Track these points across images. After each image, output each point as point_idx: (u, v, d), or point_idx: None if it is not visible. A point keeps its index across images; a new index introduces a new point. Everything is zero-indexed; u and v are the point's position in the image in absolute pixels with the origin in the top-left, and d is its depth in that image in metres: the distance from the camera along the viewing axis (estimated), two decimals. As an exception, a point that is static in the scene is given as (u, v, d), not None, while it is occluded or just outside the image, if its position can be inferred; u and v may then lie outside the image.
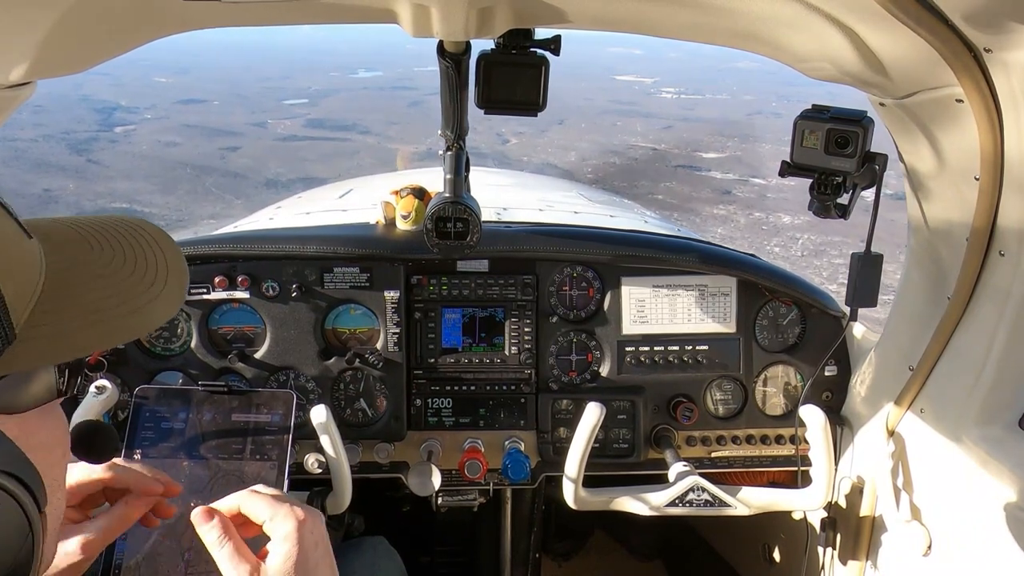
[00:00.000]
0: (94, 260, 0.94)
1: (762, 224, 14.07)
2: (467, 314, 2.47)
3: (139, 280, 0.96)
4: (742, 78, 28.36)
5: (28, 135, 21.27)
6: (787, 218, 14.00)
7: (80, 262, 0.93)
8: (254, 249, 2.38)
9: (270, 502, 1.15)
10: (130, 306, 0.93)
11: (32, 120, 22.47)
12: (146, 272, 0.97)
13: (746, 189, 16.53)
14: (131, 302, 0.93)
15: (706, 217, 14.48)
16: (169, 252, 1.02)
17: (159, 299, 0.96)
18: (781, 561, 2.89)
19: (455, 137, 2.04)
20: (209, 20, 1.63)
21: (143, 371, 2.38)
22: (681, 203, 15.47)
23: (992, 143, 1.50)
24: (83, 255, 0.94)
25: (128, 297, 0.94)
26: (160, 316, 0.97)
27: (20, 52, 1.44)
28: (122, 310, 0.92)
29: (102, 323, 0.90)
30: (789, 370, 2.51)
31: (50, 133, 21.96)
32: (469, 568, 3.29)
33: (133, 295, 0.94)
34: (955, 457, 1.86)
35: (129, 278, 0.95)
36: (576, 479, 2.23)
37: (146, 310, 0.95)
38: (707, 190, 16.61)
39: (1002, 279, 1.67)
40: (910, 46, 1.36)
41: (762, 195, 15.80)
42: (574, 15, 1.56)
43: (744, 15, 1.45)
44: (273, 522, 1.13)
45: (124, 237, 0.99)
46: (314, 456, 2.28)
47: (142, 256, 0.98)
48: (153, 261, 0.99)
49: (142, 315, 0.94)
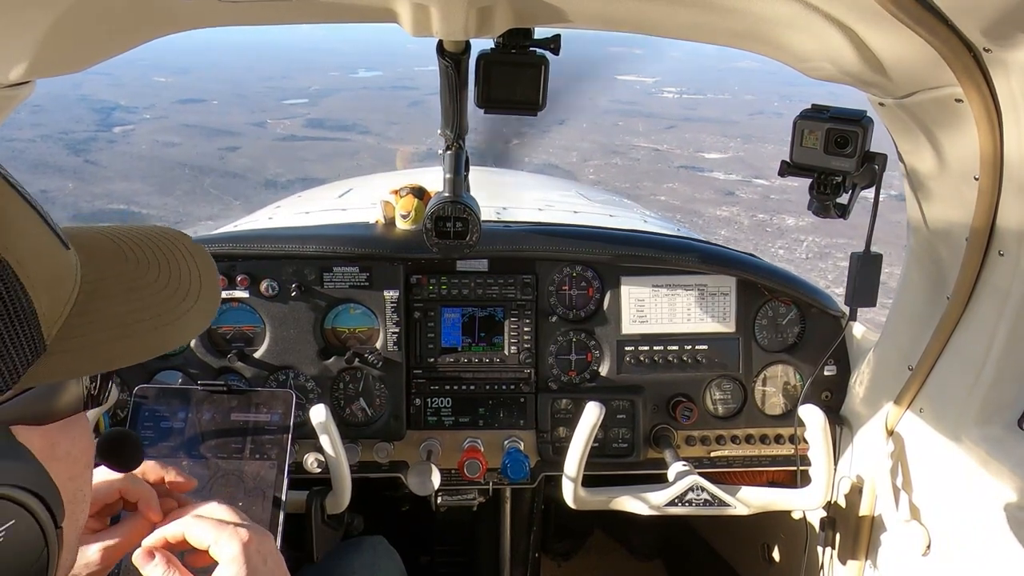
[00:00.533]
0: (127, 272, 0.93)
1: (766, 226, 14.01)
2: (467, 314, 2.47)
3: (172, 294, 0.94)
4: (743, 78, 28.29)
5: (26, 135, 21.19)
6: (791, 220, 13.94)
7: (113, 274, 0.92)
8: (253, 248, 2.38)
9: (213, 525, 1.15)
10: (161, 320, 0.92)
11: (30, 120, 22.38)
12: (179, 286, 0.95)
13: (749, 190, 16.47)
14: (163, 316, 0.92)
15: (709, 219, 14.42)
16: (204, 267, 1.00)
17: (190, 314, 0.95)
18: (781, 561, 2.89)
19: (455, 137, 2.04)
20: (209, 20, 1.63)
21: (142, 370, 2.37)
22: (684, 204, 15.41)
23: (991, 143, 1.50)
24: (117, 266, 0.93)
25: (160, 311, 0.92)
26: (191, 332, 0.96)
27: (19, 51, 1.44)
28: (153, 323, 0.91)
29: (132, 337, 0.89)
30: (788, 370, 2.51)
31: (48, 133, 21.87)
32: (469, 568, 3.29)
33: (165, 309, 0.93)
34: (955, 457, 1.86)
35: (162, 291, 0.94)
36: (575, 479, 2.23)
37: (177, 325, 0.93)
38: (710, 191, 16.54)
39: (1002, 279, 1.67)
40: (910, 46, 1.36)
41: (765, 196, 15.73)
42: (574, 14, 1.56)
43: (744, 15, 1.45)
44: (218, 546, 1.13)
45: (160, 249, 0.98)
46: (313, 455, 2.28)
47: (176, 269, 0.97)
48: (187, 275, 0.97)
49: (173, 329, 0.93)
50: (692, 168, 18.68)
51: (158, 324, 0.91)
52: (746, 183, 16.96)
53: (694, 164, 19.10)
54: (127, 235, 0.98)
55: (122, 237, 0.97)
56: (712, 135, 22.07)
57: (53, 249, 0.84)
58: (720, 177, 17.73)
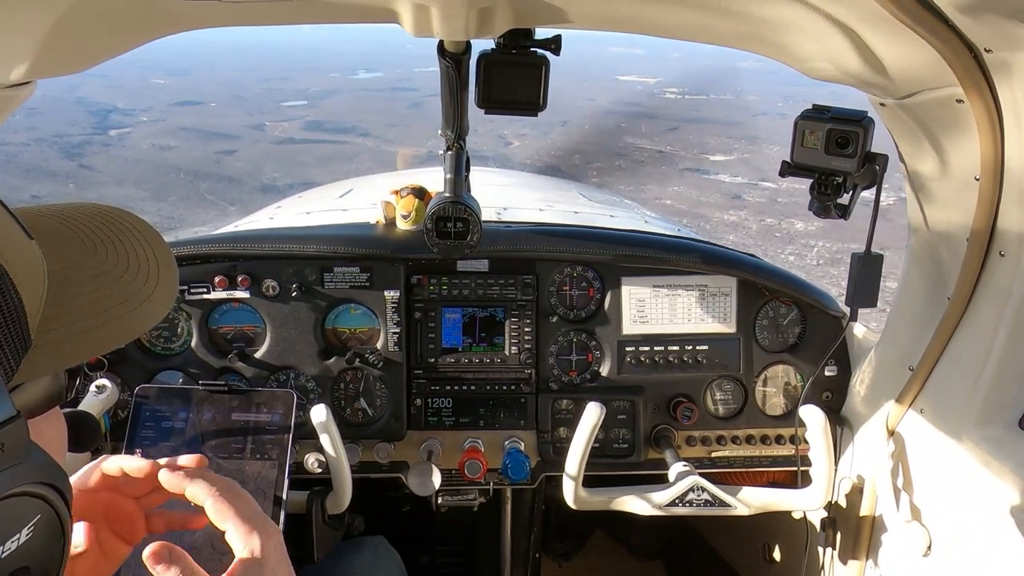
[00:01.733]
0: (88, 258, 0.93)
1: (774, 231, 13.84)
2: (467, 314, 2.47)
3: (133, 277, 0.95)
4: (745, 78, 28.15)
5: (20, 139, 20.94)
6: (800, 224, 13.77)
7: (77, 262, 0.92)
8: (254, 249, 2.38)
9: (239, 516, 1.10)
10: (131, 303, 0.93)
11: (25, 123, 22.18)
12: (139, 268, 0.96)
13: (756, 193, 16.28)
14: (131, 300, 0.93)
15: (716, 224, 14.27)
16: (156, 245, 1.01)
17: (156, 293, 0.96)
18: (781, 561, 2.89)
19: (455, 137, 2.04)
20: (209, 20, 1.63)
21: (143, 370, 2.38)
22: (690, 208, 15.24)
23: (992, 143, 1.50)
24: (78, 253, 0.93)
25: (128, 295, 0.93)
26: (159, 311, 0.97)
27: (20, 52, 1.44)
28: (124, 307, 0.92)
29: (108, 323, 0.90)
30: (789, 370, 2.51)
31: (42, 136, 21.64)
32: (469, 568, 3.29)
33: (132, 292, 0.94)
34: (955, 457, 1.86)
35: (124, 275, 0.94)
36: (576, 479, 2.23)
37: (145, 307, 0.94)
38: (716, 194, 16.36)
39: (1002, 279, 1.67)
40: (910, 46, 1.36)
41: (773, 200, 15.56)
42: (574, 15, 1.56)
43: (744, 15, 1.45)
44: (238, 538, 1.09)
45: (112, 231, 0.98)
46: (314, 456, 2.28)
47: (133, 252, 0.97)
48: (144, 256, 0.98)
49: (143, 311, 0.94)
50: (697, 171, 18.52)
51: (129, 308, 0.92)
52: (752, 186, 16.79)
53: (699, 167, 18.93)
54: (74, 217, 0.98)
55: (71, 220, 0.97)
56: (716, 137, 21.90)
57: (21, 241, 0.85)
58: (726, 180, 17.56)
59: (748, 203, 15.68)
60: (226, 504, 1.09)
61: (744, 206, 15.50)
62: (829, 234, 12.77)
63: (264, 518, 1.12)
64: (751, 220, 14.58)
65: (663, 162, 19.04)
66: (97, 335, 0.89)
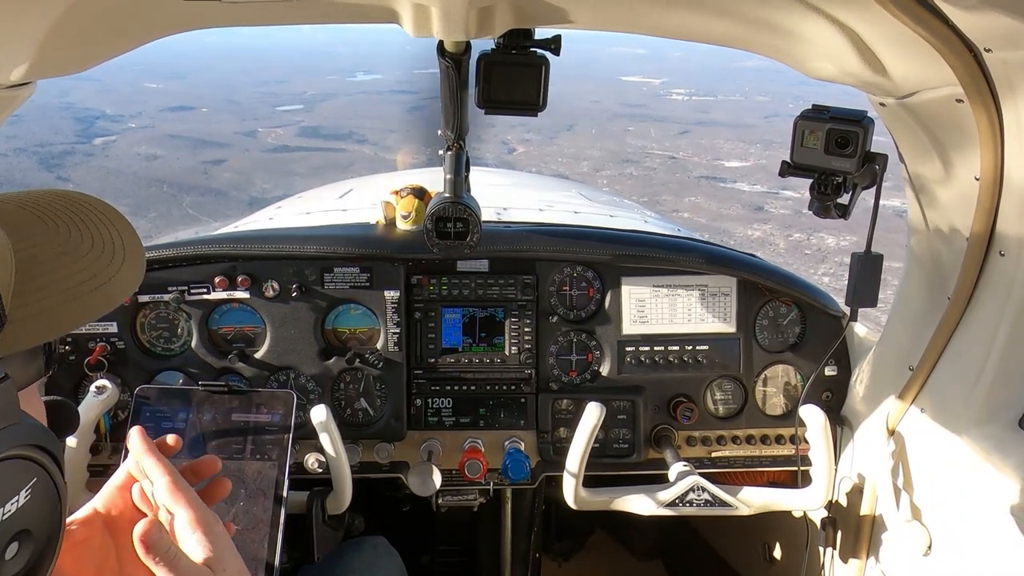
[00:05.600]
0: (51, 238, 0.95)
1: (804, 247, 13.34)
2: (467, 314, 2.47)
3: (99, 255, 0.97)
4: (751, 77, 27.92)
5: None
6: (831, 239, 13.29)
7: (42, 240, 0.94)
8: (254, 249, 2.38)
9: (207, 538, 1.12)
10: (99, 280, 0.95)
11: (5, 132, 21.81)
12: (104, 247, 0.98)
13: (778, 204, 15.86)
14: (99, 276, 0.95)
15: (741, 239, 13.83)
16: (120, 226, 1.03)
17: (122, 272, 0.98)
18: (781, 561, 2.89)
19: (455, 137, 2.04)
20: (209, 20, 1.63)
21: (143, 371, 2.38)
22: (710, 222, 14.79)
23: (992, 143, 1.50)
24: (41, 233, 0.95)
25: (95, 272, 0.95)
26: (127, 288, 0.99)
27: (20, 52, 1.44)
28: (92, 284, 0.94)
29: (78, 299, 0.92)
30: (789, 370, 2.52)
31: (22, 146, 21.22)
32: (469, 568, 3.29)
33: (99, 269, 0.95)
34: (955, 457, 1.86)
35: (89, 252, 0.96)
36: (576, 479, 2.23)
37: (113, 284, 0.96)
38: (737, 205, 15.96)
39: (1002, 279, 1.67)
40: (910, 46, 1.36)
41: (797, 212, 15.05)
42: (574, 15, 1.56)
43: (744, 16, 1.46)
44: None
45: (74, 213, 1.00)
46: (314, 456, 2.28)
47: (96, 232, 0.99)
48: (108, 235, 1.00)
49: (110, 288, 0.96)
50: (713, 178, 18.14)
51: (97, 284, 0.94)
52: (773, 195, 16.37)
53: (715, 174, 18.55)
54: (34, 201, 0.99)
55: (30, 204, 0.99)
56: (729, 140, 21.56)
57: None
58: (745, 189, 17.15)
59: (772, 215, 15.22)
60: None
61: (768, 219, 15.03)
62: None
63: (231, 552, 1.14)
64: (777, 235, 14.13)
65: (676, 169, 18.69)
66: (67, 310, 0.91)
